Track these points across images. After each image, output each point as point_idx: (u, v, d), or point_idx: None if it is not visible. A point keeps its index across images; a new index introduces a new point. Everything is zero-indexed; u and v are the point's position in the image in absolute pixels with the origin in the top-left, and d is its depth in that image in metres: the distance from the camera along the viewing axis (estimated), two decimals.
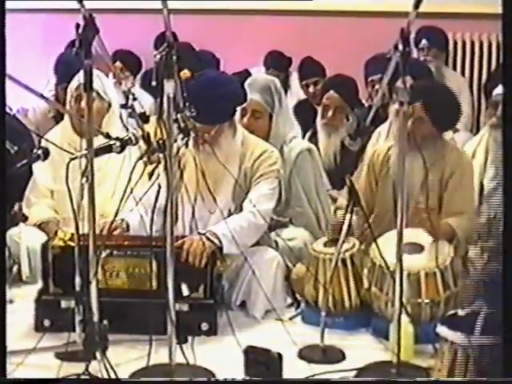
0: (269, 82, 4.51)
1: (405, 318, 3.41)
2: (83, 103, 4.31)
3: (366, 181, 4.11)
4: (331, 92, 5.16)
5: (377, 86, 5.45)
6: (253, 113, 4.43)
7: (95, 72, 4.27)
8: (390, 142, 4.15)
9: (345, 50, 6.92)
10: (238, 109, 4.17)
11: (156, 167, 3.94)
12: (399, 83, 3.17)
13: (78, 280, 3.40)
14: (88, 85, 3.21)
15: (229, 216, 3.95)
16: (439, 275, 3.67)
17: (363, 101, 5.84)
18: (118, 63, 6.61)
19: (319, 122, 5.18)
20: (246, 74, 6.26)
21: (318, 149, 4.82)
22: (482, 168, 4.48)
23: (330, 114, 5.09)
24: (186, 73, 5.18)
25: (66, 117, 4.60)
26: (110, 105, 4.50)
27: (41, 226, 4.46)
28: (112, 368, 3.18)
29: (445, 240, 3.77)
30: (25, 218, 4.54)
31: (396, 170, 3.94)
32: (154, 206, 3.45)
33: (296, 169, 4.45)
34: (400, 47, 3.11)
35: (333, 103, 5.11)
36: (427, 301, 3.64)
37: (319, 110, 5.21)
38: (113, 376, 3.17)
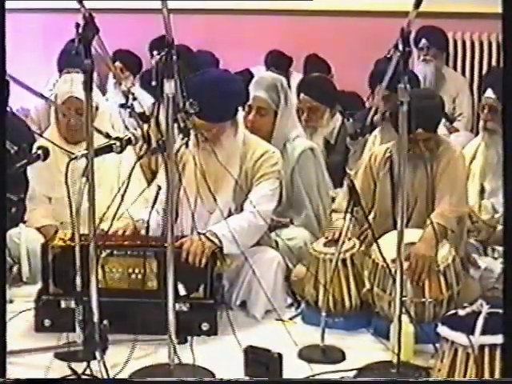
0: (275, 80, 4.52)
1: (405, 318, 3.41)
2: (72, 120, 4.35)
3: (363, 182, 4.10)
4: (302, 95, 5.17)
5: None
6: (258, 110, 4.43)
7: (80, 78, 4.30)
8: (387, 144, 4.15)
9: (345, 50, 6.92)
10: (240, 109, 4.17)
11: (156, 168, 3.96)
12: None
13: (78, 280, 3.40)
14: (88, 85, 3.21)
15: (229, 216, 3.95)
16: (442, 274, 3.67)
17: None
18: (117, 63, 6.61)
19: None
20: (248, 73, 6.27)
21: None
22: (481, 171, 4.48)
23: (304, 116, 5.09)
24: None
25: (53, 124, 4.54)
26: (97, 108, 4.46)
27: (40, 230, 4.46)
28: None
29: (441, 238, 3.76)
30: (23, 222, 4.55)
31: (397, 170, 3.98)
32: (152, 207, 3.46)
33: (298, 167, 4.44)
34: (400, 47, 3.10)
35: (305, 105, 5.12)
36: (430, 300, 3.65)
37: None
38: (112, 376, 3.18)
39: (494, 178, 4.37)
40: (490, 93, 4.46)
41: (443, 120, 5.80)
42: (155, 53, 3.16)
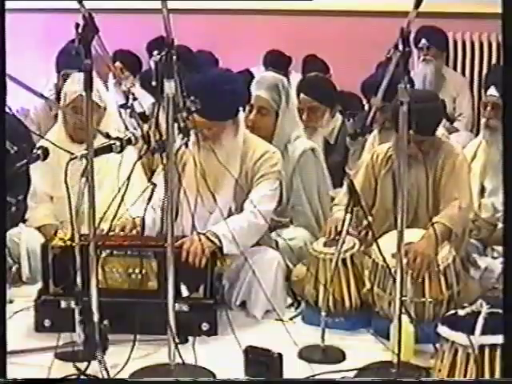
0: (277, 81, 4.52)
1: (405, 318, 3.41)
2: (78, 120, 4.35)
3: (364, 181, 4.10)
4: (302, 95, 5.16)
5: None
6: (259, 109, 4.43)
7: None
8: (389, 143, 4.15)
9: (344, 50, 6.92)
10: (241, 109, 4.17)
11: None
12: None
13: (78, 280, 3.40)
14: (88, 85, 3.21)
15: (229, 215, 3.95)
16: (442, 274, 3.67)
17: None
18: (117, 63, 6.61)
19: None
20: (248, 73, 6.27)
21: None
22: (482, 169, 4.48)
23: (304, 116, 5.07)
24: None
25: (60, 123, 4.55)
26: (105, 108, 4.47)
27: (40, 229, 4.46)
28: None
29: (442, 240, 3.76)
30: (24, 222, 4.54)
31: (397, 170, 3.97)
32: (147, 204, 3.46)
33: (299, 168, 4.45)
34: (400, 47, 3.10)
35: (305, 105, 5.09)
36: (430, 300, 3.65)
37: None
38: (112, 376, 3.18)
39: (495, 176, 4.37)
40: (492, 90, 4.46)
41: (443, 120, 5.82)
42: (155, 53, 3.15)
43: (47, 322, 3.76)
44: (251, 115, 4.44)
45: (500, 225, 4.24)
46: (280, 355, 3.27)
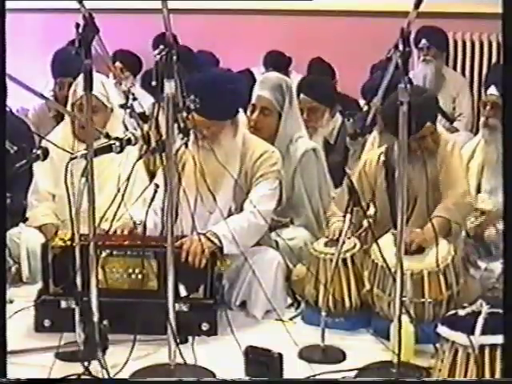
0: (281, 81, 4.52)
1: (405, 318, 3.41)
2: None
3: (359, 188, 4.08)
4: (301, 95, 5.16)
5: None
6: (262, 109, 4.43)
7: (99, 78, 4.29)
8: (379, 149, 4.15)
9: (345, 50, 6.92)
10: (241, 110, 4.17)
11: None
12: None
13: (78, 280, 3.40)
14: (88, 84, 3.21)
15: (229, 215, 3.95)
16: (442, 274, 3.67)
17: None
18: (118, 63, 6.61)
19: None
20: (248, 73, 6.27)
21: None
22: (480, 168, 4.47)
23: (304, 116, 5.06)
24: None
25: (67, 121, 4.55)
26: (112, 110, 4.47)
27: (40, 229, 4.46)
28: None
29: (443, 233, 3.76)
30: (25, 219, 4.54)
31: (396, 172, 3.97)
32: (149, 206, 3.46)
33: (300, 168, 4.45)
34: (400, 47, 3.10)
35: (305, 105, 5.07)
36: (430, 300, 3.65)
37: None
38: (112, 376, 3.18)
39: (493, 175, 4.37)
40: (493, 89, 4.45)
41: (443, 120, 5.83)
42: (155, 52, 3.15)
43: (47, 322, 3.76)
44: (254, 115, 4.44)
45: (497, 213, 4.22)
46: (280, 355, 3.27)
